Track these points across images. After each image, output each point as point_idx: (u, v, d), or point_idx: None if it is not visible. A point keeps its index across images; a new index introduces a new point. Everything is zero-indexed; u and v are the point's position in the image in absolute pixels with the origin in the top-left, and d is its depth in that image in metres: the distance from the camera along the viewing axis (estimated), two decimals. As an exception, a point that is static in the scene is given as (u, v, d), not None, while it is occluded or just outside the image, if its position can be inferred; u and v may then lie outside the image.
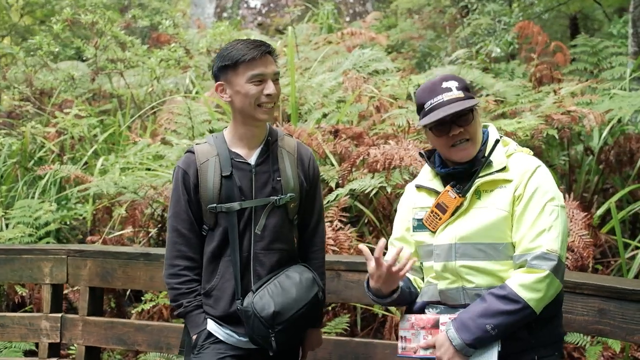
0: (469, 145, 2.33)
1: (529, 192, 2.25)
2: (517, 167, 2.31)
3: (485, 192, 2.31)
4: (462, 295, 2.31)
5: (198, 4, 15.38)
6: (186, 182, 2.58)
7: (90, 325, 3.90)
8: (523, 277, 2.19)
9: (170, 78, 9.04)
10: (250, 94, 2.48)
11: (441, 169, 2.41)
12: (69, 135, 7.09)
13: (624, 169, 5.44)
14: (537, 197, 2.24)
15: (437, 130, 2.33)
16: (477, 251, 2.27)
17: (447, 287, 2.34)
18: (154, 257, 3.80)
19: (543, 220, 2.22)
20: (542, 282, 2.16)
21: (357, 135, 5.17)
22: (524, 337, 2.26)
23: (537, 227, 2.21)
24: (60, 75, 8.35)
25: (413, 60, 9.29)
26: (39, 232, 5.55)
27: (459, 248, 2.29)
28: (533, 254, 2.19)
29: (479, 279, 2.28)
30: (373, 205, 5.03)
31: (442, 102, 2.28)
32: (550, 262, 2.17)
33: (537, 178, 2.27)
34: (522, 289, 2.16)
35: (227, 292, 2.54)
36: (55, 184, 6.34)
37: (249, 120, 2.56)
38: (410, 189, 2.57)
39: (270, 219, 2.57)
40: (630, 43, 6.89)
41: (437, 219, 2.35)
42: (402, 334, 2.43)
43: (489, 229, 2.27)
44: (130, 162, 6.17)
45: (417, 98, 2.41)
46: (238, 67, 2.48)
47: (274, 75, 2.53)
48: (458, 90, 2.31)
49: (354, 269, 3.39)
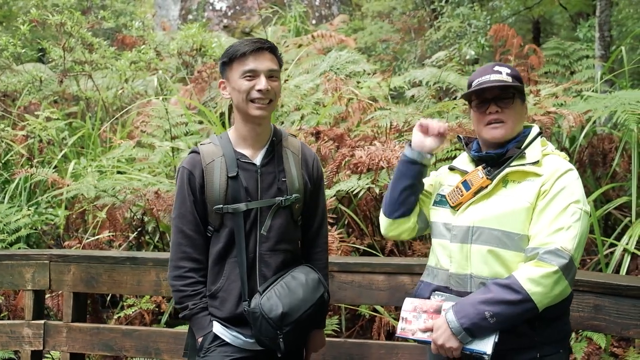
0: (502, 127, 2.38)
1: (555, 189, 2.26)
2: (550, 165, 2.34)
3: (512, 182, 2.34)
4: (469, 283, 2.33)
5: (162, 6, 15.19)
6: (192, 182, 2.54)
7: (74, 332, 3.80)
8: (530, 269, 2.19)
9: (139, 80, 8.93)
10: (242, 89, 2.48)
11: (475, 153, 2.47)
12: (36, 138, 6.93)
13: (597, 169, 5.56)
14: (563, 196, 2.26)
15: (476, 107, 2.42)
16: (493, 237, 2.29)
17: (457, 271, 2.36)
18: (140, 261, 3.74)
19: (564, 218, 2.22)
20: (549, 277, 2.16)
21: (337, 137, 5.18)
22: (527, 334, 2.27)
23: (556, 224, 2.22)
24: (26, 78, 8.16)
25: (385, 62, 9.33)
26: (9, 238, 5.41)
27: (476, 231, 2.32)
28: (546, 248, 2.19)
29: (488, 265, 2.29)
30: (352, 206, 5.04)
31: (488, 80, 2.37)
32: (560, 260, 2.17)
33: (567, 178, 2.29)
34: (527, 281, 2.17)
35: (233, 293, 2.52)
36: (25, 188, 6.18)
37: (246, 118, 2.55)
38: (443, 170, 2.65)
39: (276, 219, 2.55)
40: (597, 46, 7.07)
41: (459, 195, 2.40)
42: (404, 315, 2.44)
43: (508, 216, 2.28)
44: (103, 165, 6.06)
45: (469, 79, 2.51)
46: (232, 63, 2.50)
47: (269, 72, 2.51)
48: (508, 75, 2.38)
49: (346, 270, 3.39)
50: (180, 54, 8.59)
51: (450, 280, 2.38)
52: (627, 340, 4.50)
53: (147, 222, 5.23)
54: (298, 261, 2.66)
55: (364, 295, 3.39)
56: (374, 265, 3.38)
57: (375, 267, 3.36)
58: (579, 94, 5.78)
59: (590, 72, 6.59)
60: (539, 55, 6.26)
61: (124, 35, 11.28)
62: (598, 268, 4.56)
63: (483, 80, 2.38)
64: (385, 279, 3.31)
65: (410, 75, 5.66)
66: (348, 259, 3.67)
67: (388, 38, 10.28)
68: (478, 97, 2.41)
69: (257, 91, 2.47)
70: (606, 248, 4.64)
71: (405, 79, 5.80)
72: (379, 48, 10.55)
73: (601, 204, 5.13)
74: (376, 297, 3.39)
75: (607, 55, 6.74)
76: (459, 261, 2.36)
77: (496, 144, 2.41)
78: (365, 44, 10.73)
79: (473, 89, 2.40)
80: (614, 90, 6.12)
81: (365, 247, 4.55)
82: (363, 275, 3.37)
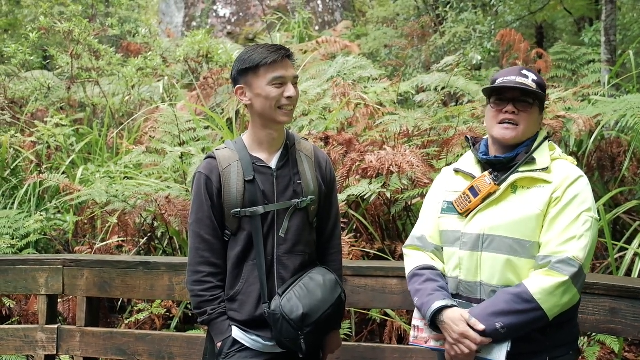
0: (514, 129, 2.36)
1: (567, 197, 2.26)
2: (560, 171, 2.33)
3: (522, 188, 2.33)
4: (479, 290, 2.33)
5: (166, 13, 15.25)
6: (209, 187, 2.55)
7: (88, 336, 3.81)
8: (542, 279, 2.20)
9: (145, 87, 8.97)
10: (271, 96, 2.49)
11: (483, 156, 2.45)
12: (44, 144, 6.96)
13: (606, 173, 5.56)
14: (575, 204, 2.26)
15: (494, 103, 2.41)
16: (504, 245, 2.28)
17: (467, 279, 2.36)
18: (153, 265, 3.75)
19: (576, 227, 2.22)
20: (560, 287, 2.18)
21: (346, 142, 5.19)
22: (538, 339, 2.28)
23: (568, 232, 2.22)
24: (33, 85, 8.21)
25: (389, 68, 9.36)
26: (19, 243, 5.43)
27: (487, 238, 2.30)
28: (558, 257, 2.20)
29: (499, 273, 2.28)
30: (360, 211, 5.05)
31: (513, 81, 2.37)
32: (572, 269, 2.18)
33: (578, 186, 2.29)
34: (539, 291, 2.18)
35: (252, 296, 2.53)
36: (35, 194, 6.21)
37: (268, 123, 2.56)
38: (447, 172, 2.62)
39: (293, 221, 2.57)
40: (603, 51, 7.08)
41: (467, 202, 2.38)
42: (415, 324, 2.46)
43: (520, 224, 2.27)
44: (111, 171, 6.08)
45: (494, 76, 2.49)
46: (259, 70, 2.49)
47: (294, 79, 2.54)
48: (533, 82, 2.37)
49: (360, 274, 3.40)
50: (187, 60, 8.62)
51: (460, 287, 2.39)
52: (639, 345, 4.51)
53: (157, 227, 5.25)
54: (314, 263, 2.68)
55: (377, 299, 3.39)
56: (387, 269, 3.38)
57: (388, 271, 3.36)
58: (586, 98, 5.80)
59: (596, 77, 6.62)
60: (547, 60, 6.28)
61: (129, 43, 11.34)
62: (609, 272, 4.56)
63: (508, 80, 2.38)
64: (398, 283, 3.32)
65: (418, 80, 5.67)
66: (361, 263, 3.68)
67: (392, 44, 10.31)
68: (498, 95, 2.40)
69: (286, 98, 2.50)
70: (616, 252, 4.65)
71: (412, 84, 5.81)
72: (382, 54, 10.58)
73: (610, 208, 5.13)
74: (389, 301, 3.39)
75: (614, 60, 6.75)
76: (469, 268, 2.35)
77: (505, 145, 2.41)
78: (369, 49, 10.76)
79: (496, 85, 2.39)
80: (621, 94, 6.14)
81: (376, 252, 4.56)
82: (376, 279, 3.37)
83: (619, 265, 4.41)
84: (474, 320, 2.23)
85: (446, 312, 2.30)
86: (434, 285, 2.39)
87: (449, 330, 2.28)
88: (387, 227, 5.08)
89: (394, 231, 5.09)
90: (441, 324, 2.32)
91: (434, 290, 2.37)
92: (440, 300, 2.32)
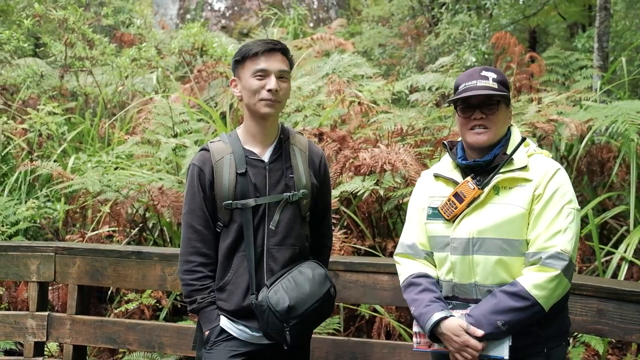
0: (485, 133, 2.41)
1: (548, 192, 2.33)
2: (538, 167, 2.39)
3: (504, 189, 2.39)
4: (474, 291, 2.40)
5: (161, 5, 15.20)
6: (202, 179, 2.60)
7: (78, 324, 3.82)
8: (535, 275, 2.28)
9: (137, 78, 8.95)
10: (252, 88, 2.54)
11: (462, 161, 2.49)
12: (36, 132, 6.94)
13: (595, 178, 5.63)
14: (556, 199, 2.33)
15: (461, 112, 2.45)
16: (494, 246, 2.34)
17: (461, 281, 2.41)
18: (146, 255, 3.76)
19: (560, 221, 2.30)
20: (553, 281, 2.26)
21: (339, 139, 5.22)
22: (535, 332, 2.36)
23: (553, 227, 2.29)
24: (25, 72, 8.16)
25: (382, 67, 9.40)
26: (9, 230, 5.42)
27: (477, 242, 2.36)
28: (548, 252, 2.27)
29: (492, 274, 2.35)
30: (352, 207, 5.08)
31: (475, 86, 2.39)
32: (562, 262, 2.26)
33: (557, 180, 2.36)
34: (534, 287, 2.26)
35: (240, 286, 2.56)
36: (25, 181, 6.19)
37: (254, 115, 2.61)
38: (427, 177, 2.65)
39: (284, 215, 2.59)
40: (595, 57, 7.15)
41: (453, 208, 2.43)
42: (416, 330, 2.50)
43: (507, 224, 2.34)
44: (102, 160, 6.07)
45: (456, 81, 2.52)
46: (245, 62, 2.56)
47: (279, 72, 2.56)
48: (494, 81, 2.41)
49: (351, 270, 3.43)
50: (181, 52, 8.61)
51: (455, 290, 2.45)
52: (621, 349, 4.58)
53: (149, 218, 5.25)
54: (306, 257, 2.70)
55: (368, 294, 3.43)
56: (378, 265, 3.41)
57: (380, 267, 3.39)
58: (578, 102, 5.86)
59: (588, 82, 6.68)
60: (540, 64, 6.33)
61: (122, 33, 11.30)
62: (595, 274, 4.63)
63: (470, 85, 2.40)
64: (390, 279, 3.35)
65: (413, 80, 5.71)
66: (353, 258, 3.71)
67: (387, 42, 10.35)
68: (463, 102, 2.43)
69: (267, 91, 2.53)
70: (603, 255, 4.71)
71: (407, 83, 5.85)
72: (376, 52, 10.62)
73: (598, 213, 5.20)
74: (380, 296, 3.43)
75: (606, 66, 6.83)
76: (462, 272, 2.41)
77: (480, 148, 2.45)
78: (364, 48, 10.79)
79: (458, 95, 2.42)
80: (612, 100, 6.21)
81: (367, 249, 4.59)
82: (368, 275, 3.40)
83: (605, 269, 4.48)
84: (472, 328, 2.30)
85: (444, 323, 2.35)
86: (431, 295, 2.43)
87: (449, 341, 2.34)
88: (377, 224, 5.11)
89: (385, 228, 5.13)
90: (441, 336, 2.37)
91: (431, 301, 2.41)
92: (438, 312, 2.37)
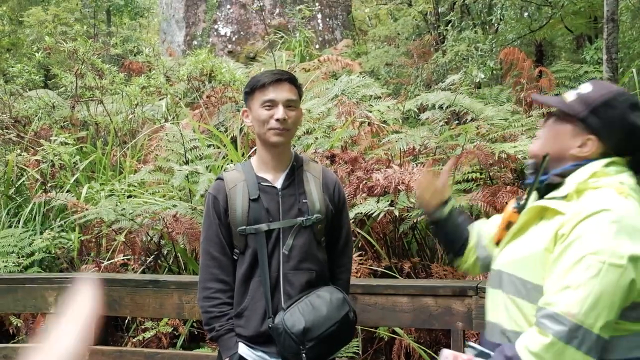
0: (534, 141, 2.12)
1: (573, 235, 1.83)
2: (580, 202, 1.89)
3: (546, 219, 1.96)
4: (496, 333, 2.08)
5: (167, 32, 15.32)
6: (216, 207, 2.65)
7: (97, 355, 3.82)
8: (530, 338, 1.84)
9: (147, 105, 9.02)
10: (261, 118, 2.59)
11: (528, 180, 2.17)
12: (49, 163, 6.99)
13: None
14: (578, 244, 1.81)
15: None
16: (511, 284, 1.99)
17: (490, 319, 2.12)
18: (163, 283, 3.76)
19: (574, 274, 1.79)
20: (548, 350, 1.77)
21: (351, 160, 5.22)
22: None
23: (565, 280, 1.80)
24: (37, 103, 8.26)
25: (390, 86, 9.43)
26: (25, 262, 5.44)
27: (501, 275, 2.05)
28: (545, 310, 1.81)
29: (508, 317, 2.00)
30: (366, 228, 5.07)
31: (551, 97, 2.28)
32: (558, 327, 1.76)
33: (591, 222, 1.81)
34: (527, 353, 1.82)
35: (258, 311, 2.57)
36: (40, 212, 6.22)
37: (266, 144, 2.66)
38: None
39: (298, 239, 2.61)
40: (605, 69, 7.13)
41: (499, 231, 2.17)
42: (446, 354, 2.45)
43: (522, 261, 1.97)
44: (115, 189, 6.10)
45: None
46: (254, 93, 2.63)
47: (287, 102, 2.60)
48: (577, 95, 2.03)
49: (370, 292, 3.42)
50: (190, 79, 8.69)
51: (487, 328, 2.15)
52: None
53: (163, 245, 5.26)
54: (325, 282, 2.70)
55: (388, 317, 3.41)
56: (397, 287, 3.40)
57: (398, 289, 3.38)
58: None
59: (597, 95, 6.66)
60: (550, 78, 6.33)
61: (131, 61, 11.43)
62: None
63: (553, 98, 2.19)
64: (409, 301, 3.33)
65: (423, 98, 5.72)
66: (371, 281, 3.70)
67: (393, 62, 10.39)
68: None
69: (275, 120, 2.57)
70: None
71: (417, 102, 5.86)
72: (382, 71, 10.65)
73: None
74: (399, 318, 3.41)
75: (616, 78, 6.80)
76: (491, 308, 2.12)
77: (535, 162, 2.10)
78: (370, 67, 10.83)
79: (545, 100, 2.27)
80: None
81: (384, 270, 4.57)
82: (387, 297, 3.39)
83: None
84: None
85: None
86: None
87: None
88: (392, 245, 5.09)
89: (400, 249, 5.11)
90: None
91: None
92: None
